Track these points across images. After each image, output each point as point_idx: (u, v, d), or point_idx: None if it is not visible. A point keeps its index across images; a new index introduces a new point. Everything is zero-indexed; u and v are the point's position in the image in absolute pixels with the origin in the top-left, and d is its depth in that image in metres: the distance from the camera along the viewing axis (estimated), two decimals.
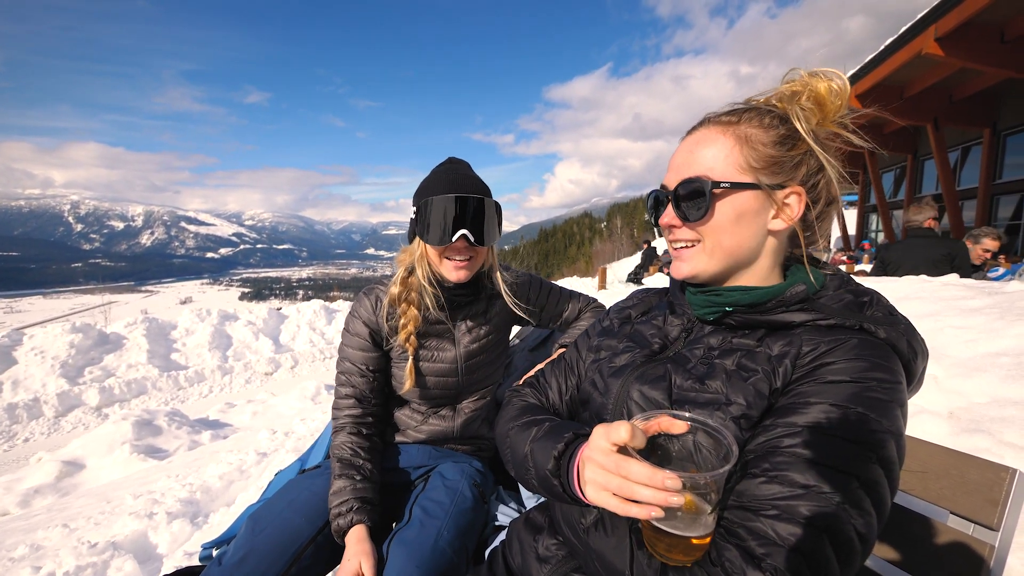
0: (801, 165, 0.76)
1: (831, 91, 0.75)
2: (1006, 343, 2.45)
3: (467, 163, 1.34)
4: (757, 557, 0.56)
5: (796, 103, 0.76)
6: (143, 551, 2.72)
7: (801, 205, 0.76)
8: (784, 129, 0.76)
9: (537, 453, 0.76)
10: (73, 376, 8.74)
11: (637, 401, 0.79)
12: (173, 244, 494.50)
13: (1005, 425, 1.85)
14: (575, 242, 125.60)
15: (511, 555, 0.96)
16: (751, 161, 0.75)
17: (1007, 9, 8.34)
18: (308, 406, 6.80)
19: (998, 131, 12.72)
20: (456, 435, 1.44)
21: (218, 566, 1.05)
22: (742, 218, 0.76)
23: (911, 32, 9.78)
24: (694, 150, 0.79)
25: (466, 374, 1.39)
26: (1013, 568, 1.34)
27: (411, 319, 1.29)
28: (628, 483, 0.55)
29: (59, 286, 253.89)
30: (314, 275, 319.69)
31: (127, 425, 5.60)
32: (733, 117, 0.78)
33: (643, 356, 0.85)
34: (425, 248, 1.26)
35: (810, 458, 0.60)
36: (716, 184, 0.75)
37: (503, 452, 0.89)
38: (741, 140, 0.76)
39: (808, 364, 0.69)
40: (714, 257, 0.78)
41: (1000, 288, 3.41)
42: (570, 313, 1.55)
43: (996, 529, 0.76)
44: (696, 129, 0.81)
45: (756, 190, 0.75)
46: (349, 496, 1.17)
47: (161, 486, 3.56)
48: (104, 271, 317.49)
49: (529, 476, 0.78)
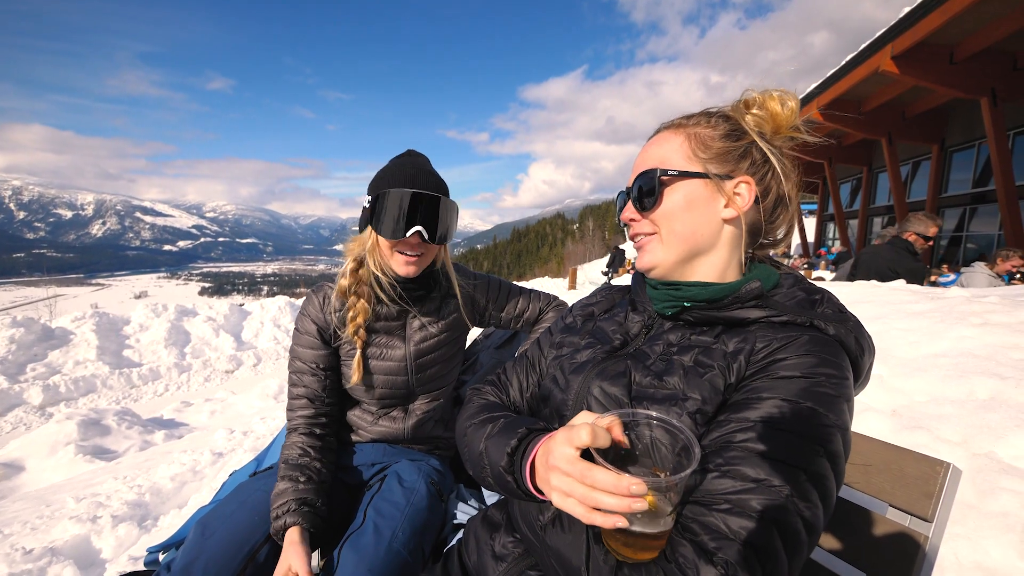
0: (747, 156, 0.80)
1: (782, 106, 0.81)
2: (945, 345, 2.60)
3: (426, 157, 1.33)
4: (709, 551, 0.57)
5: (743, 108, 0.82)
6: (85, 556, 2.57)
7: (751, 195, 0.79)
8: (729, 125, 0.81)
9: (491, 450, 0.76)
10: (13, 373, 8.19)
11: (597, 397, 0.79)
12: (127, 235, 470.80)
13: (942, 422, 1.96)
14: (547, 243, 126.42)
15: (467, 553, 0.95)
16: (698, 152, 0.80)
17: (957, 32, 8.90)
18: (269, 405, 6.60)
19: (945, 147, 13.54)
20: (408, 437, 1.41)
21: (167, 572, 1.00)
22: (692, 205, 0.80)
23: (869, 49, 10.30)
24: (648, 150, 0.85)
25: (416, 372, 1.36)
26: (945, 557, 1.42)
27: (360, 311, 1.27)
28: (593, 492, 0.55)
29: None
30: (280, 270, 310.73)
31: (72, 425, 5.29)
32: (684, 120, 0.85)
33: (604, 352, 0.86)
34: (377, 239, 1.24)
35: (761, 452, 0.61)
36: (664, 172, 0.80)
37: (461, 450, 0.88)
38: (689, 136, 0.82)
39: (761, 360, 0.71)
40: (670, 245, 0.81)
41: (942, 293, 3.62)
42: (531, 312, 1.55)
43: (930, 520, 0.79)
44: (654, 135, 0.88)
45: (704, 179, 0.79)
46: (289, 498, 1.14)
47: (107, 488, 3.38)
48: (50, 262, 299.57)
49: (485, 473, 0.78)
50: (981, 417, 1.93)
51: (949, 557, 1.42)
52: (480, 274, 1.52)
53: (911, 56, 9.48)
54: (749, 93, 0.83)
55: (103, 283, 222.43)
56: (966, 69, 9.62)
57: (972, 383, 2.16)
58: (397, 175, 1.22)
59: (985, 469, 1.67)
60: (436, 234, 1.22)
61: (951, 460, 0.85)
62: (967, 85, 9.77)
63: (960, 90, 9.89)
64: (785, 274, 0.83)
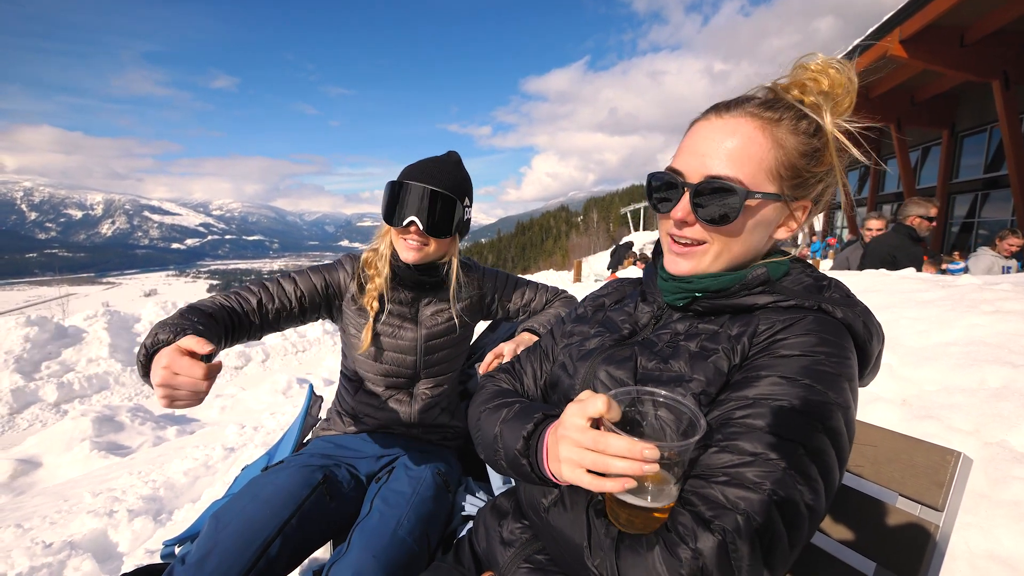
0: (820, 183, 0.76)
1: (844, 86, 0.73)
2: (956, 333, 2.57)
3: (458, 158, 1.39)
4: (707, 520, 0.58)
5: (827, 100, 0.73)
6: (102, 550, 2.62)
7: (804, 217, 0.78)
8: (817, 142, 0.73)
9: (506, 434, 0.77)
10: (29, 371, 8.32)
11: (603, 381, 0.80)
12: (136, 234, 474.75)
13: (953, 411, 1.95)
14: (552, 235, 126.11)
15: (477, 541, 0.97)
16: (782, 170, 0.72)
17: (967, 14, 8.71)
18: (279, 400, 6.66)
19: (956, 132, 13.30)
20: (415, 421, 1.45)
21: (181, 565, 1.02)
22: (758, 227, 0.75)
23: (878, 33, 10.11)
24: (726, 143, 0.72)
25: (424, 355, 1.42)
26: (956, 546, 1.42)
27: (376, 285, 1.35)
28: (604, 457, 0.55)
29: (12, 277, 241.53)
30: (286, 267, 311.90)
31: (87, 421, 5.38)
32: (774, 114, 0.72)
33: (612, 340, 0.86)
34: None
35: (759, 427, 0.62)
36: (750, 194, 0.70)
37: (474, 435, 0.89)
38: (778, 145, 0.71)
39: (763, 340, 0.71)
40: (719, 260, 0.77)
41: (953, 281, 3.58)
42: (537, 303, 1.58)
43: (941, 510, 0.79)
44: (728, 112, 0.74)
45: (779, 201, 0.73)
46: (170, 329, 1.00)
47: (122, 483, 3.44)
48: (61, 262, 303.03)
49: (498, 457, 0.78)
50: (993, 406, 1.91)
51: (960, 546, 1.42)
52: (488, 268, 1.57)
53: (920, 39, 9.31)
54: (830, 69, 0.72)
55: (113, 282, 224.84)
56: (977, 52, 9.44)
57: (984, 372, 2.14)
58: (414, 169, 1.30)
59: (997, 458, 1.66)
60: (432, 226, 1.27)
61: (963, 449, 0.84)
62: (978, 68, 9.59)
63: (971, 73, 9.72)
64: (792, 262, 0.82)
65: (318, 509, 1.18)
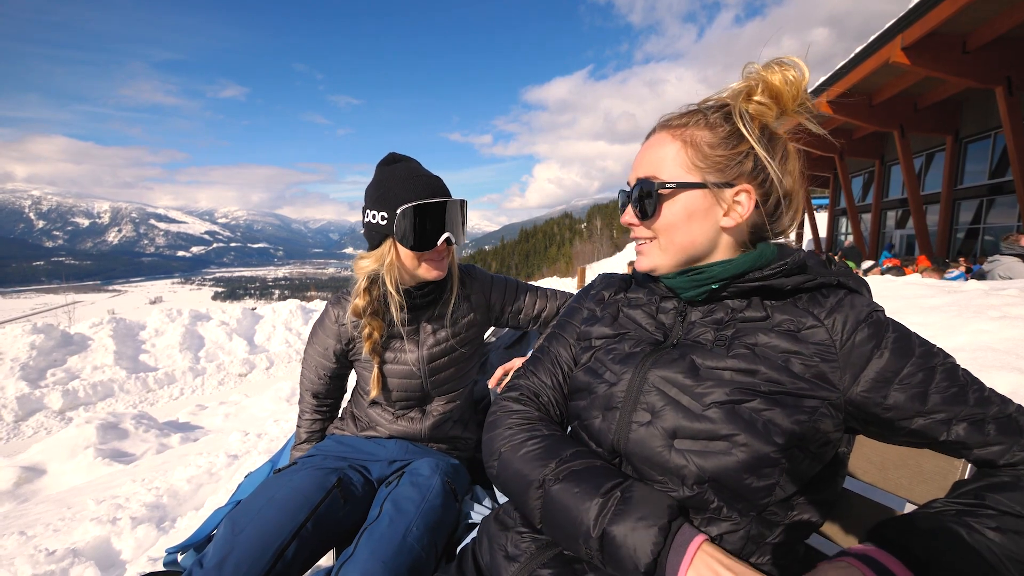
0: (747, 160, 0.78)
1: (785, 81, 0.76)
2: (963, 339, 2.55)
3: (417, 160, 1.34)
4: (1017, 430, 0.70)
5: (743, 100, 0.78)
6: (105, 557, 2.62)
7: (751, 203, 0.78)
8: (729, 126, 0.78)
9: (625, 534, 0.66)
10: (34, 379, 8.37)
11: (656, 385, 0.78)
12: (142, 242, 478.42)
13: None
14: (555, 242, 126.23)
15: (480, 553, 0.95)
16: (696, 161, 0.79)
17: (969, 21, 8.73)
18: (283, 407, 6.66)
19: (960, 138, 13.28)
20: (425, 436, 1.44)
21: (200, 568, 1.01)
22: (692, 216, 0.80)
23: (879, 41, 10.14)
24: (645, 154, 0.84)
25: (429, 376, 1.39)
26: None
27: (375, 328, 1.32)
28: None
29: (19, 285, 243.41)
30: (291, 274, 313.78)
31: (91, 429, 5.39)
32: (682, 120, 0.82)
33: (649, 344, 0.85)
34: (397, 253, 1.27)
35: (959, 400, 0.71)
36: (662, 184, 0.80)
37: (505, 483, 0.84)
38: (687, 142, 0.80)
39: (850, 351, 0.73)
40: (668, 252, 0.83)
41: (959, 287, 3.56)
42: (549, 312, 1.53)
43: None
44: (652, 133, 0.86)
45: (703, 189, 0.78)
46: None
47: (126, 490, 3.44)
48: (68, 269, 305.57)
49: (571, 540, 0.72)
50: None
51: None
52: (497, 276, 1.53)
53: (922, 46, 9.32)
54: (750, 70, 0.79)
55: (119, 289, 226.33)
56: (979, 58, 9.44)
57: (992, 378, 2.12)
58: (409, 187, 1.24)
59: None
60: (460, 235, 1.30)
61: None
62: (981, 74, 9.59)
63: (974, 79, 9.71)
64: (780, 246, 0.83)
65: (332, 512, 1.18)
